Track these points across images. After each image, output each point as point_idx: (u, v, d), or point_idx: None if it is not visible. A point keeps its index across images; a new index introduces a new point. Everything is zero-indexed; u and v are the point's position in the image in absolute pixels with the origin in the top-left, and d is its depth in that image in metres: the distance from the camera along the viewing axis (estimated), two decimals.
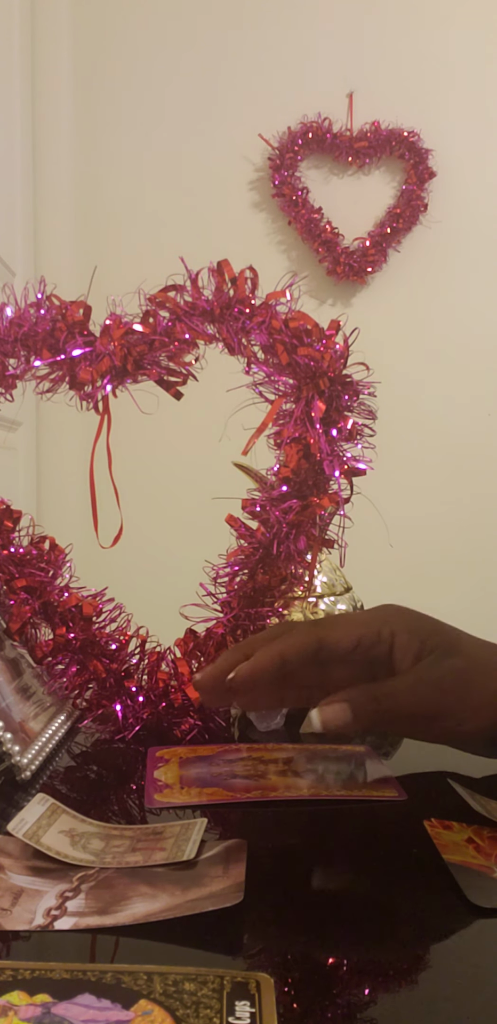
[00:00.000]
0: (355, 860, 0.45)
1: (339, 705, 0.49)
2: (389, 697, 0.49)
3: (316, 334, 0.60)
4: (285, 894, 0.41)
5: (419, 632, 0.51)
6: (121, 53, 2.10)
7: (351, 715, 0.49)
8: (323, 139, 2.08)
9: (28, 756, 0.55)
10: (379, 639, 0.51)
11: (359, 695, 0.49)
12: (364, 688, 0.50)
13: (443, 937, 0.36)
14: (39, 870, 0.40)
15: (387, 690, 0.50)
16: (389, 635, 0.51)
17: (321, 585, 0.74)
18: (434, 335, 2.11)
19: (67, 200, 2.10)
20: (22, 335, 0.61)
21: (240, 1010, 0.28)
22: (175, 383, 0.62)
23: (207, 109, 2.09)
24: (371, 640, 0.51)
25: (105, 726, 0.65)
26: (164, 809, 0.49)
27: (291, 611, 0.71)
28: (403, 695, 0.49)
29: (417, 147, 2.07)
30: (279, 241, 2.14)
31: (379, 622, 0.52)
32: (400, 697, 0.49)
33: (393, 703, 0.49)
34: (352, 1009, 0.30)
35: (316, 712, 0.49)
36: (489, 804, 0.48)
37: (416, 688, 0.49)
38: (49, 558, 0.66)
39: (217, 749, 0.59)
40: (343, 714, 0.49)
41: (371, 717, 0.49)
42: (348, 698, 0.49)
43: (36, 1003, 0.28)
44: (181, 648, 0.66)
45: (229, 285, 0.60)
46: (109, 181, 2.11)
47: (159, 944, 0.34)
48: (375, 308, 2.10)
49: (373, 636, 0.51)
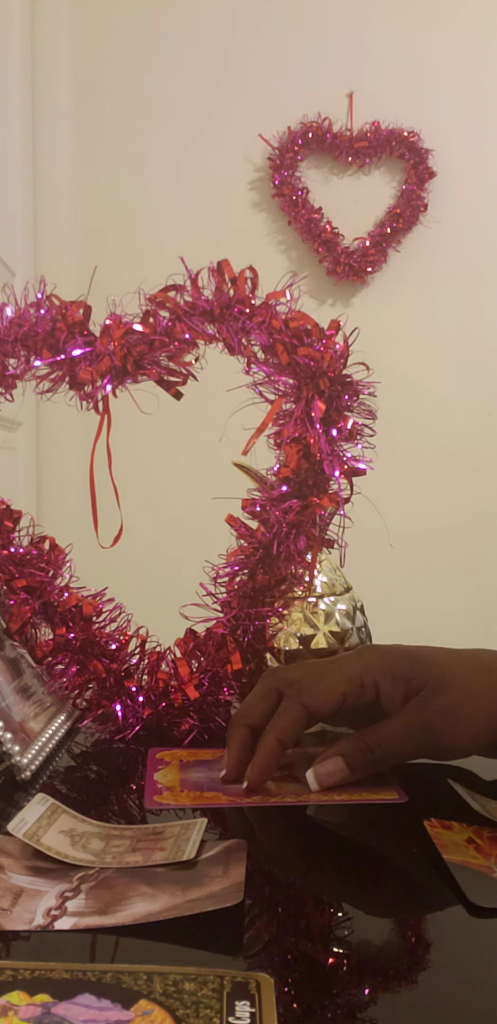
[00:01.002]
0: (355, 860, 0.45)
1: (332, 761, 0.51)
2: (380, 745, 0.51)
3: (316, 334, 0.60)
4: (285, 894, 0.41)
5: (404, 674, 0.52)
6: (121, 53, 2.10)
7: (346, 769, 0.51)
8: (323, 139, 2.08)
9: (28, 756, 0.55)
10: (363, 691, 0.52)
11: (350, 747, 0.51)
12: (355, 739, 0.51)
13: (443, 937, 0.36)
14: (39, 870, 0.40)
15: (377, 738, 0.51)
16: (372, 685, 0.52)
17: (321, 585, 0.74)
18: (434, 335, 2.11)
19: (67, 200, 2.10)
20: (22, 335, 0.61)
21: (240, 1010, 0.28)
22: (175, 383, 0.62)
23: (207, 109, 2.09)
24: (356, 693, 0.52)
25: (105, 726, 0.65)
26: (164, 809, 0.49)
27: (291, 611, 0.71)
28: (393, 741, 0.51)
29: (417, 147, 2.07)
30: (279, 241, 2.14)
31: (361, 673, 0.52)
32: (391, 743, 0.51)
33: (385, 750, 0.51)
34: (352, 1009, 0.30)
35: (311, 772, 0.51)
36: (489, 804, 0.48)
37: (404, 734, 0.51)
38: (49, 558, 0.66)
39: (217, 753, 0.59)
40: (338, 770, 0.51)
41: (365, 766, 0.51)
42: (341, 752, 0.51)
43: (36, 1003, 0.28)
44: (181, 648, 0.66)
45: (229, 285, 0.60)
46: (109, 181, 2.11)
47: (159, 944, 0.34)
48: (375, 308, 2.10)
49: (357, 689, 0.52)
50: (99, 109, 2.11)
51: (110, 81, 2.10)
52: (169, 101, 2.10)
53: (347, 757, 0.51)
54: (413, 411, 2.05)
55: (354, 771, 0.51)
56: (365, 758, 0.51)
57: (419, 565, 2.05)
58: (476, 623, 1.97)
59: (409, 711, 0.51)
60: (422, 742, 0.51)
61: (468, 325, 2.10)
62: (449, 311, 2.11)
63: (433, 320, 2.11)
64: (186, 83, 2.09)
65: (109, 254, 2.00)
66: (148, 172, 2.10)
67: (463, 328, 2.10)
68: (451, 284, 2.11)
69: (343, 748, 0.51)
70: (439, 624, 1.88)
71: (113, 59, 2.10)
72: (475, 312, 2.10)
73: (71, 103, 2.10)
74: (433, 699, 0.50)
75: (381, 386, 0.61)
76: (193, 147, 2.09)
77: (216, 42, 2.09)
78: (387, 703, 0.52)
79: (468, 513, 2.09)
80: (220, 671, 0.64)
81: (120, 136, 2.11)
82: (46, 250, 2.06)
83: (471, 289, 2.10)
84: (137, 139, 2.11)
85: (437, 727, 0.50)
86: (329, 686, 0.52)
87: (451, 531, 2.09)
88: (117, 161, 2.11)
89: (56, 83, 2.08)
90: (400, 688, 0.51)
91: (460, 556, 2.09)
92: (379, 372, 0.62)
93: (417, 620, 1.93)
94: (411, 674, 0.52)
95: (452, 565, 2.08)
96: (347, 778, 0.51)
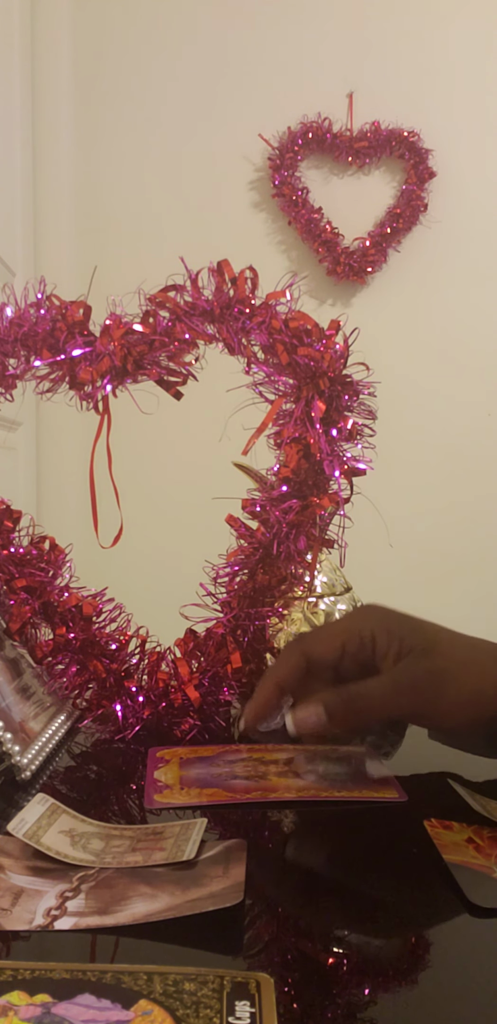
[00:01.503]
0: (355, 860, 0.45)
1: (313, 707, 0.50)
2: (362, 698, 0.50)
3: (316, 334, 0.60)
4: (285, 894, 0.41)
5: (398, 632, 0.52)
6: (121, 53, 2.10)
7: (325, 716, 0.50)
8: (323, 139, 2.08)
9: (28, 756, 0.55)
10: (362, 642, 0.52)
11: (332, 697, 0.51)
12: (338, 690, 0.51)
13: (443, 937, 0.36)
14: (39, 870, 0.40)
15: (361, 691, 0.51)
16: (370, 638, 0.52)
17: (321, 585, 0.74)
18: (434, 335, 2.11)
19: (67, 200, 2.10)
20: (22, 335, 0.61)
21: (240, 1010, 0.28)
22: (175, 383, 0.62)
23: (207, 109, 2.09)
24: (355, 644, 0.52)
25: (105, 726, 0.65)
26: (164, 809, 0.49)
27: (291, 611, 0.71)
28: (376, 697, 0.50)
29: (417, 147, 2.07)
30: (279, 241, 2.14)
31: (359, 624, 0.53)
32: (373, 699, 0.50)
33: (366, 704, 0.50)
34: (352, 1009, 0.30)
35: (289, 715, 0.51)
36: (489, 804, 0.48)
37: (389, 689, 0.50)
38: (49, 558, 0.67)
39: (218, 750, 0.59)
40: (316, 716, 0.50)
41: (344, 718, 0.50)
42: (322, 700, 0.51)
43: (36, 1003, 0.28)
44: (181, 648, 0.66)
45: (229, 285, 0.60)
46: (109, 181, 2.10)
47: (159, 944, 0.34)
48: (375, 308, 2.10)
49: (356, 640, 0.52)
50: (99, 109, 2.11)
51: (110, 81, 2.10)
52: (169, 101, 2.10)
53: (328, 705, 0.50)
54: (413, 411, 2.05)
55: (334, 720, 0.50)
56: (346, 707, 0.50)
57: (419, 565, 2.05)
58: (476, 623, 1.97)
59: (397, 669, 0.51)
60: (406, 701, 0.50)
61: (468, 325, 2.10)
62: (449, 311, 2.11)
63: (433, 320, 2.11)
64: (186, 83, 2.09)
65: (109, 254, 2.00)
66: (148, 172, 2.10)
67: (463, 328, 2.10)
68: (451, 284, 2.11)
69: (324, 696, 0.51)
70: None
71: (113, 59, 2.10)
72: (475, 312, 2.10)
73: (71, 103, 2.10)
74: (423, 659, 0.50)
75: (381, 386, 0.61)
76: (193, 147, 2.09)
77: (216, 42, 2.09)
78: (380, 659, 0.52)
79: (468, 513, 2.09)
80: (220, 671, 0.64)
81: (120, 136, 2.11)
82: (46, 250, 2.06)
83: (471, 289, 2.10)
84: (137, 139, 2.11)
85: (423, 687, 0.50)
86: (329, 635, 0.53)
87: (451, 531, 2.09)
88: (117, 161, 2.11)
89: (56, 83, 2.08)
90: (394, 646, 0.51)
91: (460, 556, 2.09)
92: (379, 372, 0.62)
93: None
94: (405, 633, 0.51)
95: (452, 565, 2.08)
96: (325, 727, 0.50)
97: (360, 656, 0.52)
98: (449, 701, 0.50)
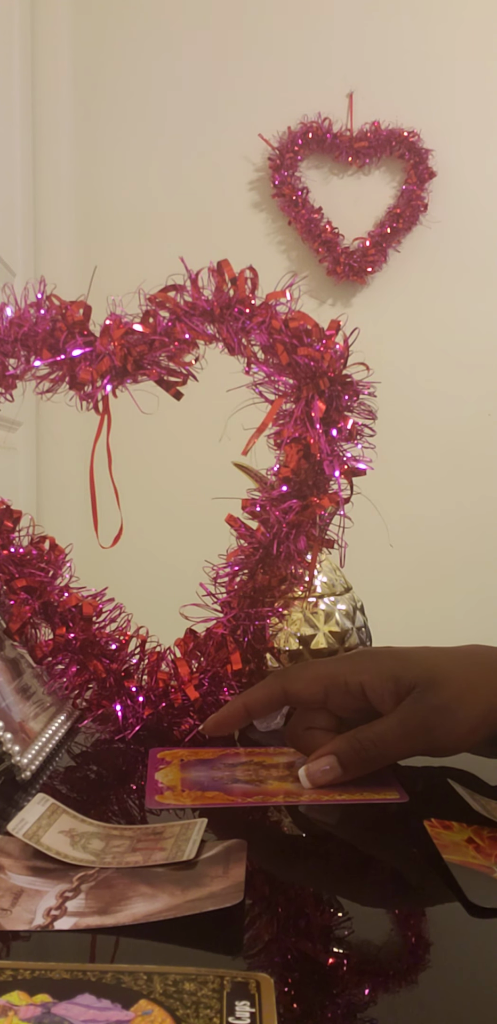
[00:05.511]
0: (355, 860, 0.45)
1: (326, 759, 0.50)
2: (375, 744, 0.50)
3: (316, 334, 0.60)
4: (285, 894, 0.41)
5: (391, 672, 0.51)
6: (121, 53, 2.10)
7: (339, 768, 0.50)
8: (323, 139, 2.08)
9: (28, 756, 0.55)
10: (348, 691, 0.52)
11: (344, 746, 0.50)
12: (349, 737, 0.51)
13: (443, 937, 0.36)
14: (39, 870, 0.40)
15: (372, 737, 0.50)
16: (357, 685, 0.51)
17: (321, 585, 0.74)
18: (434, 335, 2.11)
19: (67, 200, 2.10)
20: (22, 335, 0.61)
21: (240, 1010, 0.28)
22: (175, 383, 0.62)
23: (207, 109, 2.09)
24: (339, 692, 0.52)
25: (105, 726, 0.65)
26: (164, 809, 0.49)
27: (291, 611, 0.71)
28: (389, 740, 0.50)
29: (417, 147, 2.07)
30: (279, 241, 2.14)
31: (346, 673, 0.52)
32: (386, 742, 0.50)
33: (379, 751, 0.50)
34: (352, 1009, 0.30)
35: (303, 770, 0.51)
36: (489, 804, 0.48)
37: (400, 733, 0.50)
38: (49, 558, 0.66)
39: (218, 753, 0.59)
40: (331, 768, 0.50)
41: (358, 766, 0.50)
42: (334, 750, 0.51)
43: (36, 1003, 0.28)
44: (181, 648, 0.66)
45: (229, 285, 0.60)
46: (109, 181, 2.10)
47: (159, 944, 0.34)
48: (375, 308, 2.10)
49: (341, 688, 0.52)
50: (99, 109, 2.11)
51: (110, 81, 2.10)
52: (169, 101, 2.10)
53: (341, 756, 0.50)
54: (413, 411, 2.05)
55: (348, 770, 0.50)
56: (359, 757, 0.50)
57: (419, 565, 2.05)
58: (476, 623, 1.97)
59: (404, 709, 0.50)
60: (417, 740, 0.50)
61: (468, 325, 2.10)
62: (449, 311, 2.11)
63: (433, 320, 2.11)
64: (186, 83, 2.09)
65: (109, 254, 2.00)
66: (148, 172, 2.10)
67: (463, 328, 2.10)
68: (451, 284, 2.11)
69: (337, 746, 0.51)
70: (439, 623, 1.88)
71: (113, 59, 2.10)
72: (475, 312, 2.10)
73: (71, 103, 2.09)
74: (427, 696, 0.50)
75: (381, 386, 0.61)
76: (193, 147, 2.09)
77: (216, 42, 2.09)
78: (377, 702, 0.51)
79: (468, 513, 2.09)
80: (220, 671, 0.64)
81: (120, 136, 2.11)
82: (46, 250, 2.06)
83: (471, 289, 2.10)
84: (137, 139, 2.11)
85: (432, 723, 0.49)
86: (312, 676, 0.53)
87: (451, 531, 2.09)
88: (117, 161, 2.11)
89: (56, 83, 2.08)
90: (388, 686, 0.51)
91: (460, 556, 2.09)
92: (379, 372, 0.62)
93: (417, 620, 1.93)
94: (399, 671, 0.51)
95: (452, 565, 2.08)
96: (340, 777, 0.50)
97: (348, 703, 0.52)
98: (460, 730, 0.50)
